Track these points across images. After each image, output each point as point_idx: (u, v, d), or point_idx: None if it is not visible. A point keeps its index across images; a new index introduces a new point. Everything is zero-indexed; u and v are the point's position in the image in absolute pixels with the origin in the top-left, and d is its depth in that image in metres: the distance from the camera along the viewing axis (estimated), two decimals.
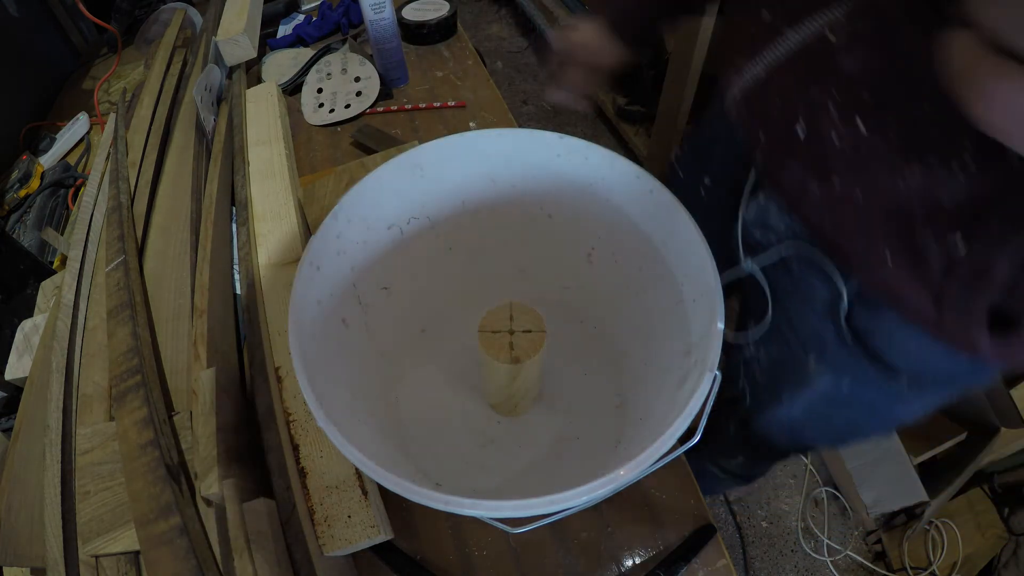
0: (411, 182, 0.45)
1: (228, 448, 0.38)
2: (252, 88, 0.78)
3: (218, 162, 0.64)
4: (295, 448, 0.42)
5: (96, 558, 0.38)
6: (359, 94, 0.79)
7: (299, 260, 0.38)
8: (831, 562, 1.06)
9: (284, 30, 0.95)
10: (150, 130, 0.73)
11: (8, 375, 0.54)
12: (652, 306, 0.44)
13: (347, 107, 0.78)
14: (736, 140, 0.48)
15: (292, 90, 0.84)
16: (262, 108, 0.74)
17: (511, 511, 0.28)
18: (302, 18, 0.96)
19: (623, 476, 0.28)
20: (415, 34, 0.88)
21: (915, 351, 0.39)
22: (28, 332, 0.56)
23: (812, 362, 0.45)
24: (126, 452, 0.38)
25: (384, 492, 0.42)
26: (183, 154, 0.68)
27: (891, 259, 0.33)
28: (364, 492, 0.39)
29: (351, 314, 0.44)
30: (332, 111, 0.78)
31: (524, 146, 0.44)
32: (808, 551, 1.08)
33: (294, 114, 0.80)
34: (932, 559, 1.00)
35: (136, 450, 0.38)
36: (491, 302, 0.42)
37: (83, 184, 0.78)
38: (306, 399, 0.32)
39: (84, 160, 0.83)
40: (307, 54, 0.87)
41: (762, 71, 0.37)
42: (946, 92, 0.22)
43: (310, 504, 0.39)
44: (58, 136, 0.86)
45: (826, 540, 1.08)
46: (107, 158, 0.72)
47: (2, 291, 0.60)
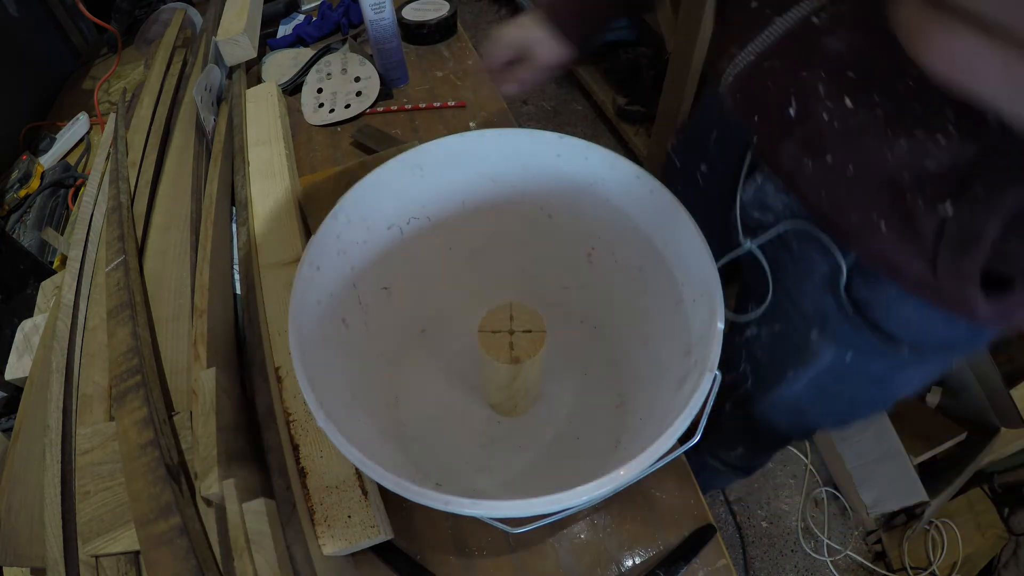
0: (411, 182, 0.45)
1: (228, 448, 0.37)
2: (252, 88, 0.78)
3: (218, 162, 0.64)
4: (295, 448, 0.42)
5: (96, 558, 0.38)
6: (359, 94, 0.79)
7: (299, 260, 0.38)
8: (831, 562, 1.06)
9: (284, 30, 0.95)
10: (150, 130, 0.73)
11: (8, 375, 0.54)
12: (652, 306, 0.44)
13: (347, 107, 0.78)
14: (730, 125, 0.49)
15: (292, 90, 0.84)
16: (262, 108, 0.74)
17: (511, 511, 0.28)
18: (302, 18, 0.96)
19: (623, 476, 0.28)
20: (415, 34, 0.88)
21: (914, 319, 0.40)
22: (28, 332, 0.56)
23: (815, 336, 0.46)
24: (126, 452, 0.38)
25: (384, 492, 0.42)
26: (183, 154, 0.68)
27: (885, 228, 0.34)
28: (364, 492, 0.39)
29: (351, 314, 0.44)
30: (332, 111, 0.78)
31: (524, 146, 0.45)
32: (808, 551, 1.08)
33: (294, 114, 0.80)
34: (932, 559, 1.00)
35: (136, 450, 0.38)
36: (491, 302, 0.43)
37: (83, 184, 0.78)
38: (306, 399, 0.32)
39: (84, 160, 0.83)
40: (307, 54, 0.87)
41: (753, 57, 0.38)
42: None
43: (310, 504, 0.39)
44: (58, 136, 0.86)
45: (826, 540, 1.08)
46: (107, 158, 0.72)
47: (2, 291, 0.60)
